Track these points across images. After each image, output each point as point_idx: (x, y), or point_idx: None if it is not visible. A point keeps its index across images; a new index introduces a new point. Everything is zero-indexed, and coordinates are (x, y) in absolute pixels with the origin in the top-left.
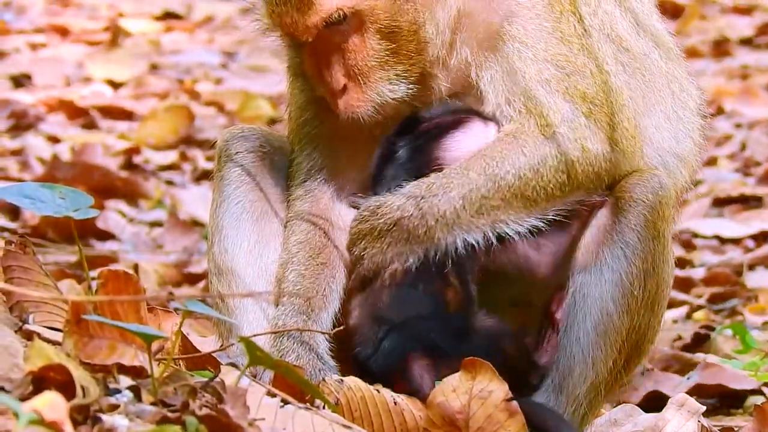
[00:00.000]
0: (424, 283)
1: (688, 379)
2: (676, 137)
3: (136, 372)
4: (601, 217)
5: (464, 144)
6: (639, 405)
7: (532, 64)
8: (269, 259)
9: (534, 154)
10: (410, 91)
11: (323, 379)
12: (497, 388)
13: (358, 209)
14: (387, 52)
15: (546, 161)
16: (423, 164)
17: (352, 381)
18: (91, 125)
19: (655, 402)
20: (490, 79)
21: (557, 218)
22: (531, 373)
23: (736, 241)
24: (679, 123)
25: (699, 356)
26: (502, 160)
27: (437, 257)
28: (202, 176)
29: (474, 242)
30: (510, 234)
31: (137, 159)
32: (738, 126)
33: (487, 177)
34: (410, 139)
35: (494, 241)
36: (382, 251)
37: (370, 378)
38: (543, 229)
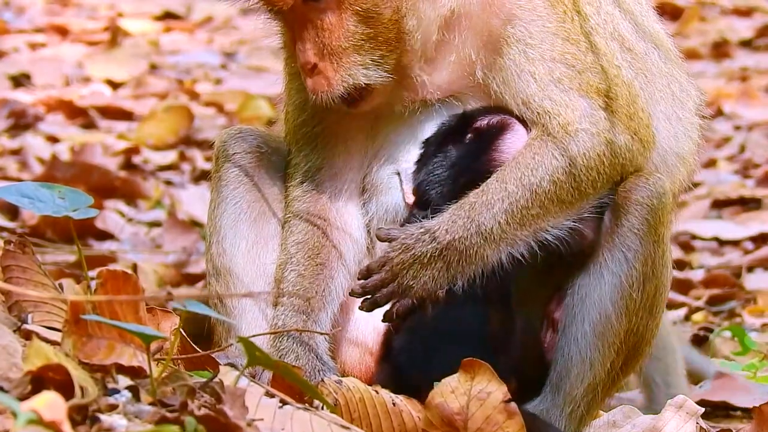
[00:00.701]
0: (467, 300)
1: (700, 387)
2: (675, 136)
3: (134, 372)
4: (603, 219)
5: (514, 145)
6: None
7: (540, 64)
8: (267, 260)
9: (564, 156)
10: (384, 80)
11: (322, 380)
12: (496, 389)
13: (389, 239)
14: (363, 36)
15: (576, 161)
16: (477, 168)
17: (351, 382)
18: (90, 125)
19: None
20: (502, 81)
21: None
22: (542, 374)
23: (735, 243)
24: (678, 123)
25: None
26: (536, 168)
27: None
28: (201, 176)
29: (518, 255)
30: (551, 240)
31: (136, 159)
32: (737, 128)
33: (524, 187)
34: (461, 140)
35: (537, 250)
36: (433, 277)
37: (408, 391)
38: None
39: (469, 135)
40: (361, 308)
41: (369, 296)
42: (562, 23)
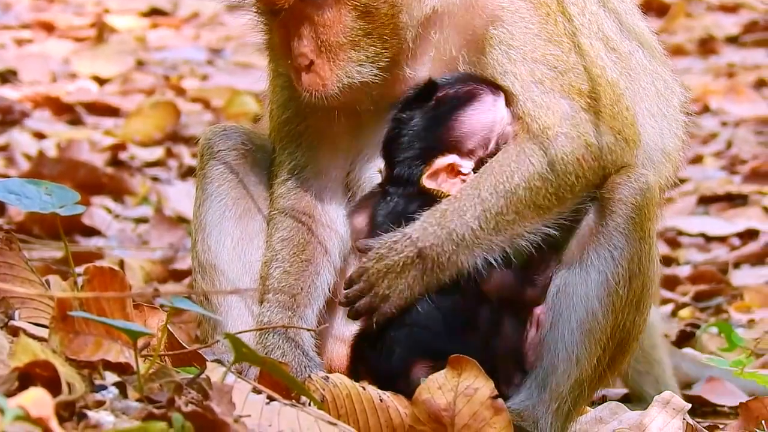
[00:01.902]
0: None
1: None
2: (660, 134)
3: (121, 368)
4: (588, 216)
5: (477, 118)
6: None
7: (522, 65)
8: (253, 257)
9: (541, 162)
10: (376, 77)
11: (309, 376)
12: (483, 386)
13: (365, 250)
14: (361, 32)
15: (554, 166)
16: (437, 137)
17: (338, 378)
18: (77, 121)
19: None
20: (511, 72)
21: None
22: (517, 373)
23: (721, 239)
24: (663, 120)
25: (685, 353)
26: (512, 174)
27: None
28: (188, 173)
29: (493, 260)
30: (526, 245)
31: (123, 155)
32: (724, 124)
33: (498, 194)
34: (424, 108)
35: (512, 256)
36: (408, 286)
37: (376, 382)
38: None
39: (432, 102)
40: (348, 317)
41: (350, 306)
42: (545, 24)
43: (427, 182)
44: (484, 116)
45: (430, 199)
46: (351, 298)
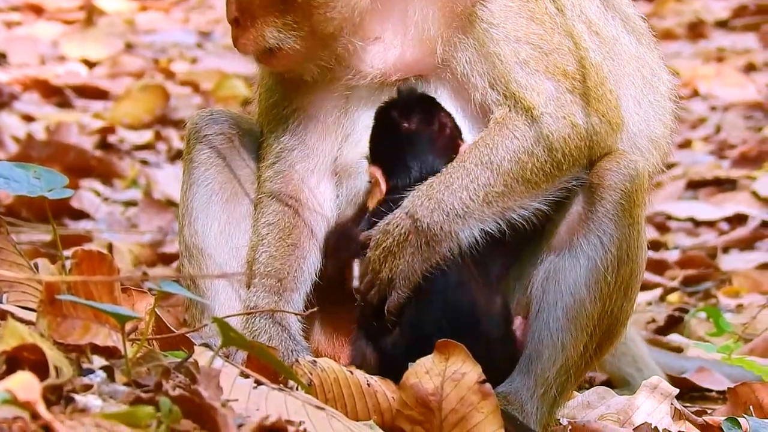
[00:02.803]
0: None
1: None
2: (646, 120)
3: (109, 352)
4: (577, 202)
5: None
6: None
7: (504, 44)
8: (240, 241)
9: (525, 137)
10: (298, 46)
11: (296, 360)
12: (470, 370)
13: (368, 241)
14: None
15: (539, 142)
16: (448, 144)
17: (325, 362)
18: (65, 104)
19: None
20: (468, 60)
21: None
22: (510, 361)
23: (710, 224)
24: (649, 107)
25: (672, 338)
26: (496, 147)
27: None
28: (177, 156)
29: (490, 231)
30: (518, 220)
31: (112, 138)
32: (713, 108)
33: (483, 166)
34: (423, 118)
35: (506, 229)
36: (408, 264)
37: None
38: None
39: (421, 108)
40: (363, 316)
41: (363, 302)
42: (525, 2)
43: None
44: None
45: None
46: (363, 292)
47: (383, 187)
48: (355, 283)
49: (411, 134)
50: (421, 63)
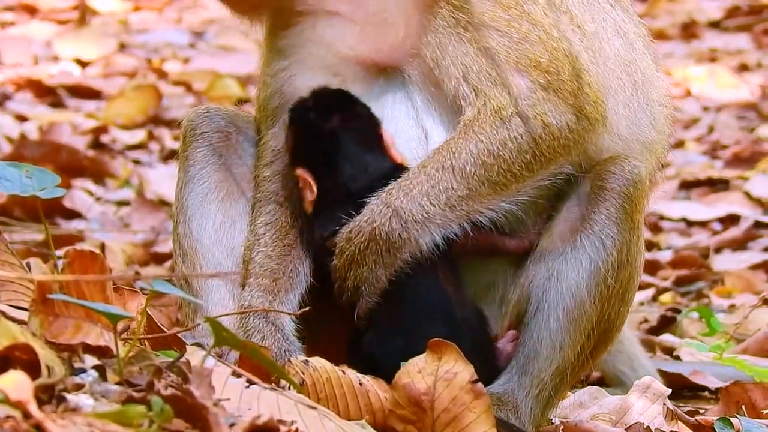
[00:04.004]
0: (419, 279)
1: None
2: (638, 125)
3: (101, 351)
4: (580, 203)
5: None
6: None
7: (474, 30)
8: (235, 240)
9: (492, 139)
10: None
11: (289, 360)
12: (463, 370)
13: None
14: None
15: (506, 144)
16: (371, 138)
17: (318, 362)
18: (58, 104)
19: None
20: (438, 44)
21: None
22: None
23: (703, 224)
24: (641, 112)
25: (665, 338)
26: (459, 151)
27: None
28: (170, 156)
29: (453, 235)
30: (485, 222)
31: (105, 138)
32: (706, 109)
33: (445, 170)
34: (343, 115)
35: (470, 231)
36: (371, 270)
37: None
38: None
39: (340, 107)
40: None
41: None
42: None
43: (396, 157)
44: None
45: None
46: (336, 298)
47: (314, 188)
48: None
49: (334, 133)
50: (386, 44)
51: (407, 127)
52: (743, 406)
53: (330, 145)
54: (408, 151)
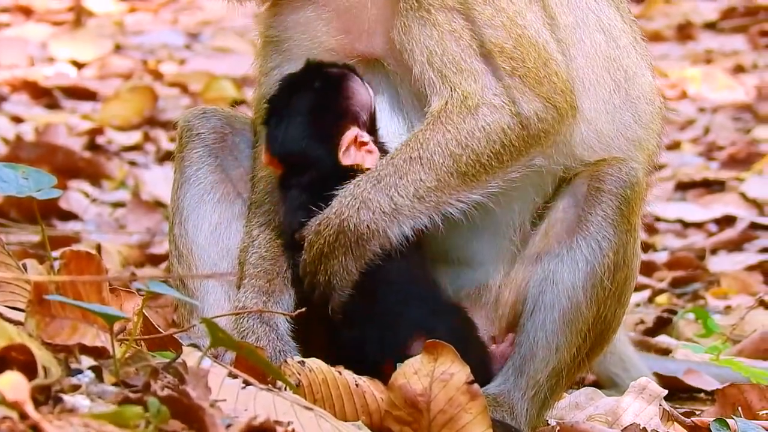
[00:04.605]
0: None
1: None
2: (622, 122)
3: (97, 352)
4: (576, 203)
5: (361, 91)
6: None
7: (435, 13)
8: (231, 242)
9: (459, 129)
10: None
11: (285, 361)
12: (459, 371)
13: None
14: None
15: (473, 134)
16: (336, 113)
17: (314, 363)
18: (54, 105)
19: None
20: (403, 27)
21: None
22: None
23: (698, 226)
24: (624, 108)
25: (661, 339)
26: (426, 142)
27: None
28: (166, 157)
29: (422, 227)
30: (455, 213)
31: (100, 139)
32: (701, 110)
33: (413, 161)
34: (310, 90)
35: (440, 223)
36: (341, 264)
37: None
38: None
39: (317, 83)
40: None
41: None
42: None
43: (344, 159)
44: (363, 90)
45: (344, 178)
46: (307, 293)
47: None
48: None
49: (287, 113)
50: (362, 31)
51: (392, 119)
52: (739, 408)
53: (284, 121)
54: (395, 144)
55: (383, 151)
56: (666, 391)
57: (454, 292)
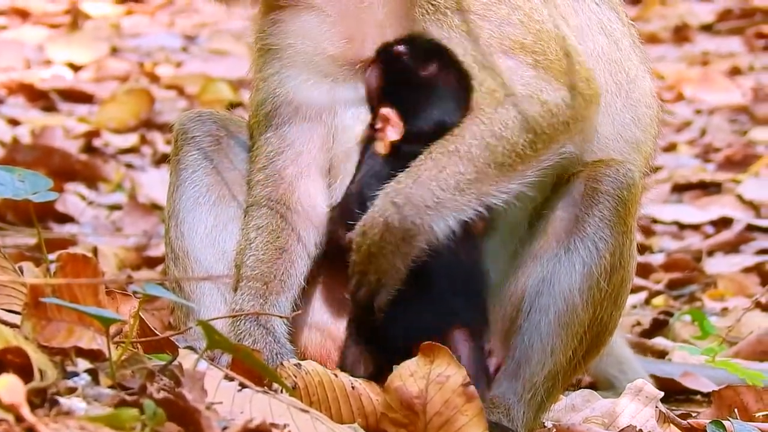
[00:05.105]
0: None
1: None
2: (622, 124)
3: (94, 355)
4: (573, 204)
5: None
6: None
7: (452, 15)
8: (226, 244)
9: (492, 120)
10: None
11: (281, 363)
12: (455, 373)
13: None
14: None
15: (507, 124)
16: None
17: (310, 365)
18: (51, 108)
19: None
20: (447, 23)
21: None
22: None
23: (695, 227)
24: (625, 111)
25: (657, 341)
26: (462, 135)
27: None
28: (162, 159)
29: (468, 219)
30: (498, 204)
31: (97, 142)
32: (698, 112)
33: (451, 154)
34: (440, 66)
35: (486, 213)
36: (390, 263)
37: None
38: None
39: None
40: (354, 317)
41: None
42: None
43: None
44: None
45: None
46: (352, 294)
47: (400, 127)
48: None
49: (430, 82)
50: (367, 38)
51: None
52: (736, 410)
53: (421, 92)
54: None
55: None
56: (662, 393)
57: None
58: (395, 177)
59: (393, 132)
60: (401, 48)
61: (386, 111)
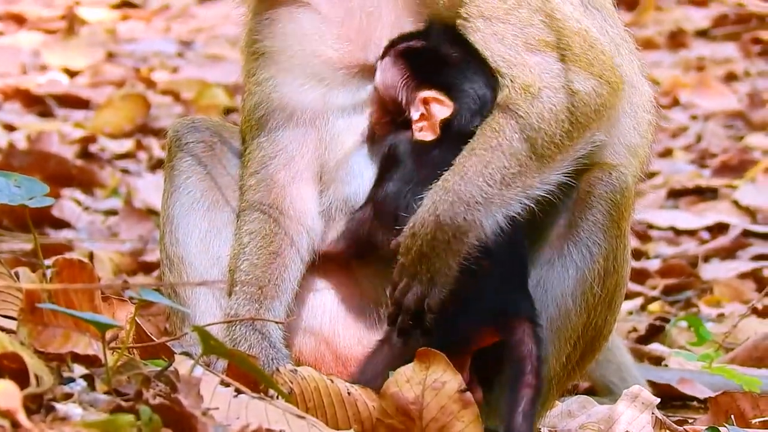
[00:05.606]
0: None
1: None
2: (621, 127)
3: (90, 361)
4: (567, 208)
5: None
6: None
7: (473, 21)
8: (221, 249)
9: (529, 113)
10: None
11: (277, 369)
12: (451, 379)
13: (398, 248)
14: None
15: (543, 116)
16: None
17: (306, 371)
18: (47, 113)
19: None
20: (470, 28)
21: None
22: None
23: (691, 233)
24: (624, 115)
25: (654, 347)
26: (502, 130)
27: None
28: (158, 165)
29: (515, 214)
30: (542, 194)
31: (93, 147)
32: (694, 118)
33: (493, 149)
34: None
35: (533, 206)
36: (443, 262)
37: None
38: None
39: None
40: (400, 331)
41: (398, 311)
42: None
43: None
44: None
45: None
46: (398, 297)
47: (449, 105)
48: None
49: (463, 59)
50: (371, 41)
51: None
52: (732, 416)
53: (460, 69)
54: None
55: None
56: (659, 399)
57: None
58: (444, 162)
59: (442, 110)
60: (432, 28)
61: (428, 93)
